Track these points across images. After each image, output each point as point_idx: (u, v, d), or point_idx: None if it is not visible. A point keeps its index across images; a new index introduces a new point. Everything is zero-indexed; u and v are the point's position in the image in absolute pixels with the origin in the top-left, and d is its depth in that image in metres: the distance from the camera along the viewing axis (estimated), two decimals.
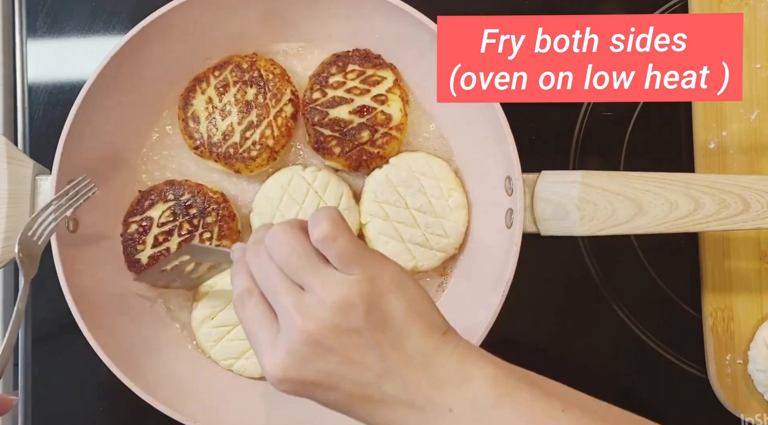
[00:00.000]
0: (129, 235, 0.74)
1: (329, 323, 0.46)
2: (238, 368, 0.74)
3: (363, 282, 0.47)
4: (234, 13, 0.74)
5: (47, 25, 0.84)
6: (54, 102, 0.83)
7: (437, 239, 0.74)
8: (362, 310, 0.46)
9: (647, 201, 0.64)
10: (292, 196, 0.74)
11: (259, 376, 0.74)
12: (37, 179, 0.70)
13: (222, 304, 0.73)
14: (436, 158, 0.76)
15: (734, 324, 0.79)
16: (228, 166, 0.75)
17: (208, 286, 0.74)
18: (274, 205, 0.74)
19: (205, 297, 0.74)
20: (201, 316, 0.74)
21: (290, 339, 0.47)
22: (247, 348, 0.73)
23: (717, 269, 0.80)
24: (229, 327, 0.73)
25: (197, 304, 0.74)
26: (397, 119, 0.75)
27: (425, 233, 0.74)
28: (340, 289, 0.47)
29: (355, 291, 0.46)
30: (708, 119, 0.81)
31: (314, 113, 0.75)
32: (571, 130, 0.84)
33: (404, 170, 0.74)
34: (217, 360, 0.74)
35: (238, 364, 0.74)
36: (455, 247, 0.75)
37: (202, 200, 0.74)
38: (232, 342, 0.73)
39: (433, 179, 0.74)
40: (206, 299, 0.74)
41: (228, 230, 0.74)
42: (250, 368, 0.74)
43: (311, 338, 0.46)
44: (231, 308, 0.73)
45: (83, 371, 0.79)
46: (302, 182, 0.74)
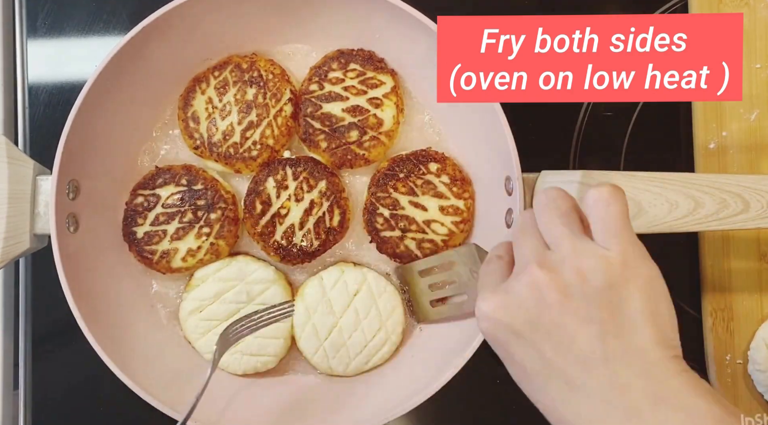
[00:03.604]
0: (133, 206, 0.74)
1: (561, 281, 0.44)
2: (222, 363, 0.74)
3: (614, 260, 0.44)
4: (234, 13, 0.74)
5: (47, 25, 0.84)
6: (54, 102, 0.83)
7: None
8: (600, 284, 0.43)
9: (647, 201, 0.64)
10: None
11: (242, 373, 0.74)
12: (37, 179, 0.70)
13: (211, 298, 0.73)
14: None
15: (734, 324, 0.79)
16: (228, 166, 0.75)
17: (200, 279, 0.74)
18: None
19: (195, 289, 0.74)
20: (189, 308, 0.74)
21: (516, 281, 0.45)
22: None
23: (717, 269, 0.80)
24: (216, 321, 0.73)
25: (187, 295, 0.74)
26: (388, 125, 0.75)
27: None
28: (588, 257, 0.44)
29: (602, 265, 0.44)
30: (708, 119, 0.81)
31: (308, 104, 0.75)
32: (571, 130, 0.84)
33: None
34: (202, 352, 0.74)
35: (223, 359, 0.73)
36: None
37: (213, 194, 0.74)
38: (218, 336, 0.73)
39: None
40: (196, 291, 0.74)
41: (227, 232, 0.74)
42: (233, 364, 0.74)
43: (536, 285, 0.44)
44: (220, 302, 0.73)
45: (83, 371, 0.79)
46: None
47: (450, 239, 0.74)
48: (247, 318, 0.70)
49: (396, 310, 0.74)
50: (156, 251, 0.74)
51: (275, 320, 0.71)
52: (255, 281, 0.74)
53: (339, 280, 0.74)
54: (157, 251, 0.74)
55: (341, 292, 0.73)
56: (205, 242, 0.74)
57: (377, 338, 0.73)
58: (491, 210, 0.73)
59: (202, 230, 0.74)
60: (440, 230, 0.74)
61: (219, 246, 0.74)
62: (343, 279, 0.74)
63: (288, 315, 0.73)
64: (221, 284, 0.74)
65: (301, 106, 0.76)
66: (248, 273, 0.74)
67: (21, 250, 0.69)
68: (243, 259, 0.75)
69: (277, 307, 0.72)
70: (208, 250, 0.74)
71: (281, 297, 0.73)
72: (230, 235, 0.74)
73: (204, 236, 0.74)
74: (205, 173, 0.75)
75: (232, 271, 0.74)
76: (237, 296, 0.73)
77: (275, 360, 0.74)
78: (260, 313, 0.71)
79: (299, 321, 0.74)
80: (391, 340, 0.74)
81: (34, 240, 0.70)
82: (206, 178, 0.75)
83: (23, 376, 0.81)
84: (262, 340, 0.73)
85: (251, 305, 0.73)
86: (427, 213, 0.74)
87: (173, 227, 0.74)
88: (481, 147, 0.73)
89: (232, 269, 0.74)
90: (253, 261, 0.75)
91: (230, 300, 0.74)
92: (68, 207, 0.69)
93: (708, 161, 0.81)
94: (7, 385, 0.80)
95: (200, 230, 0.74)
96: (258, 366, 0.73)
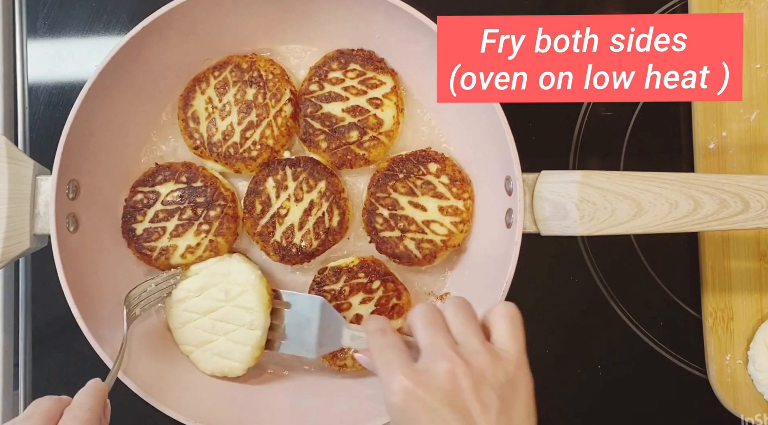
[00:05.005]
0: (133, 202, 0.75)
1: (473, 371, 0.51)
2: (194, 358, 0.73)
3: (513, 361, 0.52)
4: (234, 13, 0.74)
5: (47, 25, 0.84)
6: (54, 102, 0.83)
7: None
8: (503, 378, 0.51)
9: (647, 201, 0.64)
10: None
11: (210, 373, 0.73)
12: (37, 179, 0.70)
13: (197, 291, 0.73)
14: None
15: (734, 324, 0.79)
16: (228, 166, 0.75)
17: (194, 271, 0.74)
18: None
19: (186, 280, 0.74)
20: (177, 296, 0.73)
21: (434, 364, 0.51)
22: (208, 340, 0.73)
23: (717, 269, 0.80)
24: (195, 315, 0.73)
25: (179, 284, 0.74)
26: (388, 125, 0.75)
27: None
28: (494, 355, 0.52)
29: (504, 363, 0.52)
30: (708, 119, 0.81)
31: (308, 104, 0.75)
32: (571, 130, 0.84)
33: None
34: (179, 343, 0.74)
35: (196, 353, 0.73)
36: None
37: (212, 191, 0.74)
38: (196, 329, 0.73)
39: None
40: (187, 281, 0.73)
41: (226, 230, 0.74)
42: (203, 362, 0.73)
43: (453, 371, 0.51)
44: (203, 297, 0.73)
45: (83, 371, 0.79)
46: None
47: (449, 240, 0.74)
48: (141, 288, 0.71)
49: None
50: (155, 248, 0.74)
51: (160, 295, 0.72)
52: (236, 282, 0.73)
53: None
54: (157, 247, 0.74)
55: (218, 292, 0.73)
56: (204, 240, 0.74)
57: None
58: (491, 210, 0.73)
59: (202, 228, 0.74)
60: (440, 231, 0.74)
61: (218, 243, 0.74)
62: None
63: (169, 289, 0.73)
64: (208, 279, 0.73)
65: (301, 106, 0.76)
66: (233, 273, 0.73)
67: (21, 250, 0.69)
68: (236, 257, 0.74)
69: (164, 278, 0.73)
70: (207, 247, 0.74)
71: (253, 304, 0.72)
72: (229, 232, 0.74)
73: (203, 234, 0.74)
74: (205, 171, 0.75)
75: (222, 268, 0.73)
76: (217, 294, 0.73)
77: (241, 367, 0.72)
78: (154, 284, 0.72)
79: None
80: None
81: (34, 240, 0.70)
82: (206, 175, 0.75)
83: (23, 376, 0.81)
84: (231, 344, 0.72)
85: (228, 306, 0.72)
86: (427, 213, 0.74)
87: (172, 224, 0.74)
88: (481, 147, 0.73)
89: (222, 265, 0.73)
90: (244, 261, 0.74)
91: (211, 297, 0.73)
92: (68, 207, 0.69)
93: (708, 161, 0.81)
94: (7, 385, 0.80)
95: (199, 227, 0.74)
96: (225, 370, 0.73)
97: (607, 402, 0.82)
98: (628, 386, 0.82)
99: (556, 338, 0.82)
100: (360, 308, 0.74)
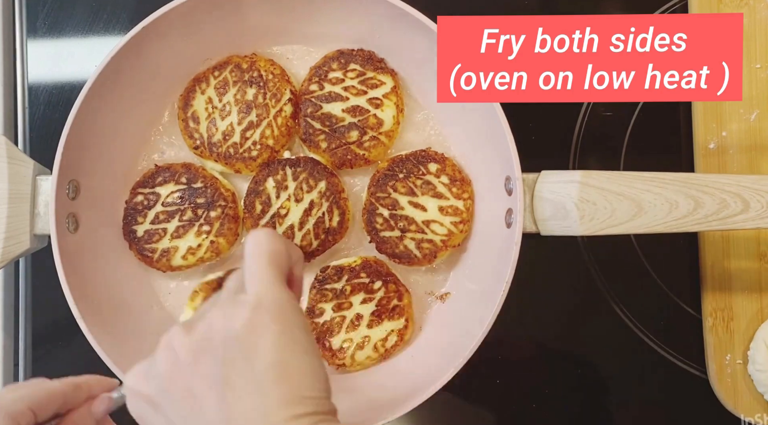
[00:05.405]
0: (133, 204, 0.75)
1: (192, 339, 0.40)
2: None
3: (247, 306, 0.40)
4: (234, 13, 0.74)
5: (47, 25, 0.84)
6: (54, 102, 0.83)
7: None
8: (225, 336, 0.39)
9: (647, 201, 0.64)
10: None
11: None
12: (37, 179, 0.70)
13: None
14: None
15: (734, 324, 0.79)
16: (228, 166, 0.75)
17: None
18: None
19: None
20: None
21: (158, 345, 0.42)
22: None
23: (717, 269, 0.80)
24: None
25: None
26: (388, 125, 0.75)
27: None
28: (222, 307, 0.40)
29: (231, 314, 0.40)
30: (708, 119, 0.81)
31: (308, 104, 0.75)
32: (571, 130, 0.84)
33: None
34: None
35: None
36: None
37: (212, 192, 0.74)
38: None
39: None
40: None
41: (227, 230, 0.74)
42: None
43: (170, 344, 0.40)
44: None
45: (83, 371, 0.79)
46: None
47: (449, 240, 0.74)
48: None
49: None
50: (156, 250, 0.74)
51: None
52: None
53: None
54: (158, 249, 0.74)
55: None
56: (205, 240, 0.74)
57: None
58: (491, 210, 0.73)
59: (202, 228, 0.74)
60: (439, 231, 0.74)
61: (219, 244, 0.74)
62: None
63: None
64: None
65: (301, 106, 0.76)
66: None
67: (21, 250, 0.69)
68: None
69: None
70: (208, 248, 0.74)
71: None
72: (230, 233, 0.74)
73: (204, 234, 0.74)
74: (205, 171, 0.75)
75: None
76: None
77: None
78: None
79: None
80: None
81: (34, 240, 0.70)
82: (206, 176, 0.75)
83: (23, 376, 0.81)
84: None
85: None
86: (427, 213, 0.74)
87: (173, 225, 0.74)
88: (481, 147, 0.73)
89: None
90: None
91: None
92: (68, 207, 0.69)
93: (708, 161, 0.81)
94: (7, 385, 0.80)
95: (200, 228, 0.74)
96: None
97: (606, 402, 0.82)
98: (627, 386, 0.82)
99: (556, 337, 0.82)
100: (361, 308, 0.74)
